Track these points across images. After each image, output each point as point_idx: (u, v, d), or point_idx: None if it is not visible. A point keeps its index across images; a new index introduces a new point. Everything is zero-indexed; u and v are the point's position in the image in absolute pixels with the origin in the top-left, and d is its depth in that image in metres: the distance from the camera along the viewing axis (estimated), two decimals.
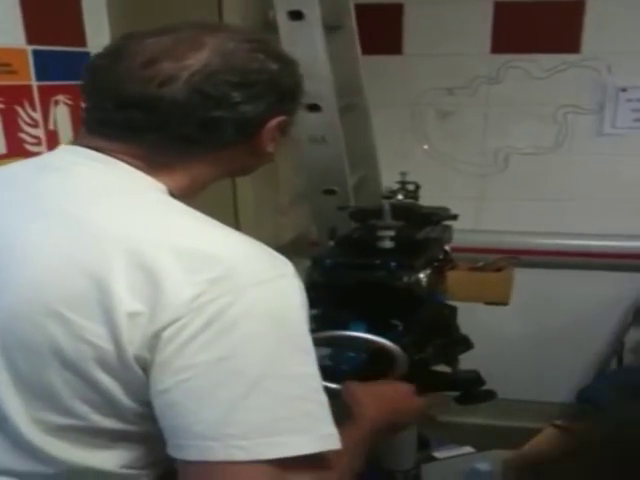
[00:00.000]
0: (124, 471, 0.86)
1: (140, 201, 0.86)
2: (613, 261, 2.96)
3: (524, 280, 2.46)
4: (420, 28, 2.90)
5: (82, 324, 0.76)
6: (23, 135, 1.50)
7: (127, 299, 0.75)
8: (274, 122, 0.94)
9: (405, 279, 1.32)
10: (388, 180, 2.10)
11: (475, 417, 2.91)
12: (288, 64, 0.96)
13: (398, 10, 2.90)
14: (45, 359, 0.78)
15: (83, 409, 0.81)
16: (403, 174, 1.70)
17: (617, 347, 3.04)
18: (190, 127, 0.88)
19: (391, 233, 1.41)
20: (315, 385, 0.80)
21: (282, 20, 2.02)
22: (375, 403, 1.11)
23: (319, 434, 0.78)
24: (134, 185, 0.88)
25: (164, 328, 0.75)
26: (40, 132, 1.55)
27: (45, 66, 1.55)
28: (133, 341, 0.75)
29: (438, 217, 1.63)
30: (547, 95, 2.90)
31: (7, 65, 1.45)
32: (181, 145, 0.90)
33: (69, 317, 0.77)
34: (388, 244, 1.41)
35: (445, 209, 1.73)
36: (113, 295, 0.75)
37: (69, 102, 1.63)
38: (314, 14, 2.02)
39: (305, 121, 2.12)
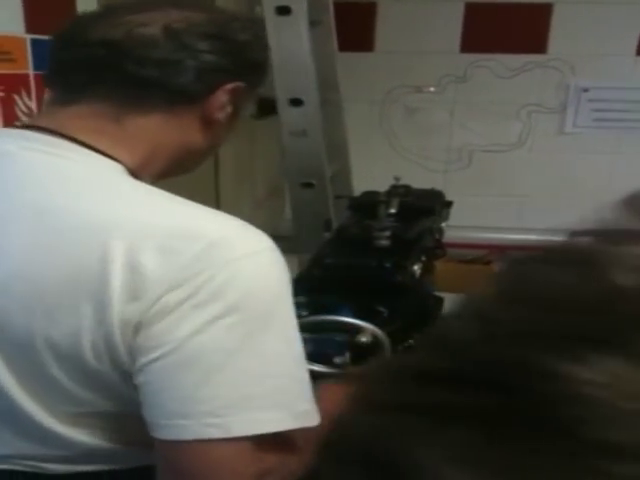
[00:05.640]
0: (132, 448, 0.86)
1: (107, 186, 0.82)
2: None
3: None
4: (393, 26, 2.96)
5: (73, 317, 0.75)
6: (20, 124, 1.49)
7: (116, 288, 0.73)
8: (230, 85, 0.91)
9: (399, 278, 1.40)
10: (367, 180, 2.15)
11: None
12: (265, 42, 0.97)
13: (372, 8, 2.96)
14: (41, 354, 0.77)
15: (88, 397, 0.80)
16: (397, 179, 1.76)
17: None
18: (150, 67, 0.85)
19: (387, 233, 1.49)
20: (292, 362, 0.77)
21: (269, 15, 2.04)
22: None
23: (295, 412, 0.76)
24: (94, 169, 0.84)
25: (147, 310, 0.73)
26: None
27: (42, 55, 1.54)
28: (123, 329, 0.73)
29: (432, 210, 1.69)
30: (512, 94, 3.00)
31: (7, 53, 1.44)
32: (140, 88, 0.86)
33: (60, 311, 0.75)
34: (384, 242, 1.49)
35: (439, 194, 1.80)
36: (102, 285, 0.73)
37: None
38: (301, 9, 2.05)
39: (287, 116, 2.15)
